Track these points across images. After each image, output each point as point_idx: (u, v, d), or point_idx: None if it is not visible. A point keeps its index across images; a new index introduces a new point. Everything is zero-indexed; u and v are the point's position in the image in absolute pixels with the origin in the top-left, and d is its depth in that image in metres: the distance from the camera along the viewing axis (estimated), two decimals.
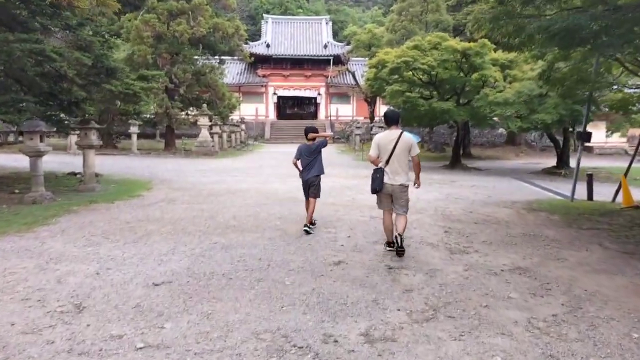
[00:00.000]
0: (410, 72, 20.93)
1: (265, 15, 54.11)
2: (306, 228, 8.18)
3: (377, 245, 7.39)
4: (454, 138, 36.92)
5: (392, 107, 26.65)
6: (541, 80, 12.52)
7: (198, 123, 27.57)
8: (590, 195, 14.06)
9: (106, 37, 12.36)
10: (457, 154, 23.32)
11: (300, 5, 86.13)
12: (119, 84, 11.98)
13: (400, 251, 6.72)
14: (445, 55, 19.55)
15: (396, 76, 21.32)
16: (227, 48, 29.99)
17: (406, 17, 32.47)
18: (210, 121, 28.23)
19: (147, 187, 13.88)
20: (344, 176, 17.99)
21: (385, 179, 6.77)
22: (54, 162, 20.66)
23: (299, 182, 8.81)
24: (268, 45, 47.40)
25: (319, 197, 8.65)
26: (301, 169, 8.48)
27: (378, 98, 40.50)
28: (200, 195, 12.47)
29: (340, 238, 7.86)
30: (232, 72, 48.23)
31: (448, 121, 22.76)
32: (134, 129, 27.17)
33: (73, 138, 26.55)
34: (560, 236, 8.44)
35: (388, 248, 7.07)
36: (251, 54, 46.20)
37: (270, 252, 6.85)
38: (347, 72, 45.27)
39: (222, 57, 32.49)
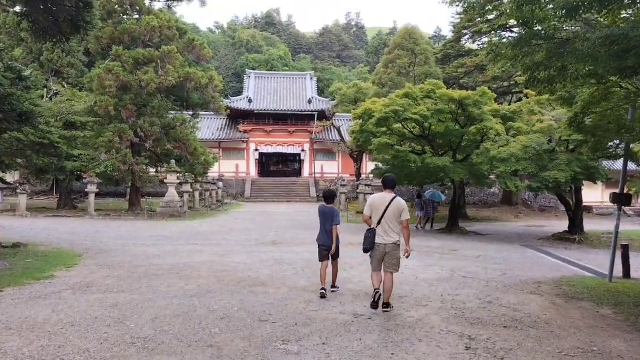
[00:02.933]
0: (400, 124, 18.55)
1: (248, 71, 52.56)
2: (331, 289, 8.19)
3: None
4: (447, 198, 34.46)
5: (379, 164, 24.25)
6: (571, 128, 10.04)
7: (165, 181, 24.82)
8: (627, 272, 11.32)
9: (22, 74, 9.76)
10: (454, 217, 20.64)
11: (286, 63, 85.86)
12: (32, 131, 9.24)
13: (374, 306, 7.04)
14: (440, 105, 17.22)
15: (384, 128, 18.91)
16: (202, 100, 27.65)
17: (393, 69, 30.72)
18: (179, 178, 25.48)
19: (70, 263, 10.87)
20: None
21: (377, 239, 7.02)
22: None
23: (267, 254, 6.37)
24: (250, 100, 45.38)
25: (337, 257, 8.30)
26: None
27: (365, 154, 38.28)
28: (132, 276, 9.49)
29: None
30: (212, 127, 46.03)
31: (443, 180, 20.22)
32: (91, 188, 24.20)
33: (23, 198, 23.58)
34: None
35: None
36: (232, 109, 44.24)
37: None
38: (332, 128, 43.19)
39: (198, 112, 30.22)
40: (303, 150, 45.95)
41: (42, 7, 11.22)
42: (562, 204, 21.22)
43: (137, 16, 26.30)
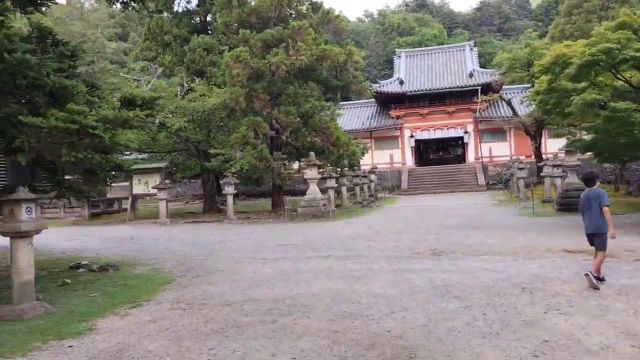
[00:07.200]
0: (611, 72, 12.75)
1: (397, 50, 47.99)
2: (588, 273, 7.18)
3: None
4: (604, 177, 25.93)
5: (570, 136, 18.31)
6: None
7: (305, 177, 21.72)
8: None
9: (46, 32, 6.90)
10: None
11: (441, 42, 79.02)
12: (61, 114, 6.22)
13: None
14: None
15: (584, 83, 13.23)
16: (341, 82, 24.05)
17: (579, 15, 23.77)
18: (321, 173, 22.21)
19: (143, 298, 7.80)
20: (505, 252, 10.22)
21: None
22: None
23: (422, 275, 7.25)
24: (401, 82, 40.91)
25: (604, 249, 7.27)
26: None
27: (544, 130, 31.47)
28: (200, 330, 5.94)
29: None
30: (362, 116, 42.60)
31: None
32: (228, 189, 22.04)
33: (162, 204, 22.29)
34: None
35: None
36: (382, 93, 40.32)
37: None
38: (500, 102, 36.70)
39: (338, 96, 26.80)
40: (466, 132, 40.08)
41: None
42: None
43: None
